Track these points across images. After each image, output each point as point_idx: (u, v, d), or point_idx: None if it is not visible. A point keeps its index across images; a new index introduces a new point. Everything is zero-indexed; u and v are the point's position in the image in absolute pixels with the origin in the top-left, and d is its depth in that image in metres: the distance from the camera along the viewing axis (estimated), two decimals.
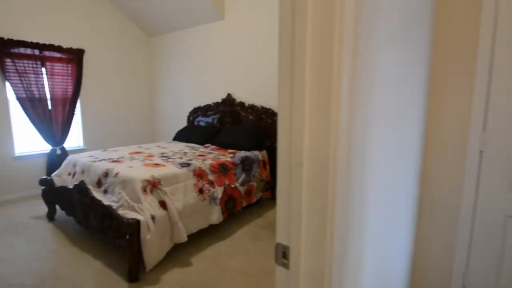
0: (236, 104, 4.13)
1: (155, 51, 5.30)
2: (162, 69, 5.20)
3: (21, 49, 3.63)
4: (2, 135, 3.70)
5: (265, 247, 2.69)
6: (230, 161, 3.18)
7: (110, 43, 4.68)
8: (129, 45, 4.98)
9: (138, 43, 5.14)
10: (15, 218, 3.18)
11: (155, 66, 5.34)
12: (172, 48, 4.96)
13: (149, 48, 5.37)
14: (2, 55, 3.51)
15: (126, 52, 4.94)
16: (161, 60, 5.20)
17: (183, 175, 2.70)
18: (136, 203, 2.38)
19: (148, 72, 5.38)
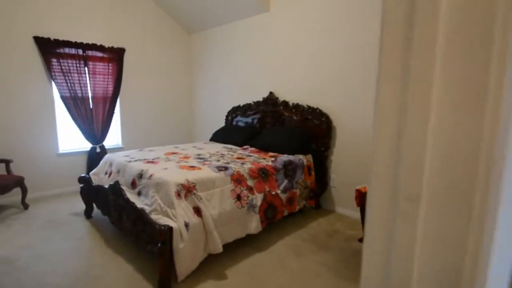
0: (279, 103, 3.80)
1: (195, 48, 5.13)
2: (202, 67, 5.04)
3: (66, 49, 3.67)
4: (48, 132, 3.79)
5: (308, 264, 2.35)
6: (271, 165, 2.88)
7: (150, 41, 4.63)
8: (168, 43, 4.88)
9: (178, 40, 5.02)
10: (56, 213, 3.21)
11: (194, 64, 5.19)
12: (212, 44, 4.76)
13: (189, 45, 5.22)
14: (49, 55, 3.57)
15: (165, 50, 4.85)
16: (200, 57, 5.05)
17: (220, 180, 2.46)
18: (169, 208, 2.19)
19: (187, 70, 5.25)
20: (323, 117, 3.36)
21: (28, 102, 3.63)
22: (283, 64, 3.80)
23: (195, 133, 5.37)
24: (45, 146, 3.78)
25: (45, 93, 3.72)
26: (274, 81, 3.94)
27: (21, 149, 3.62)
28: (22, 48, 3.49)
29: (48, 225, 2.90)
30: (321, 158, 3.40)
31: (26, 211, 3.32)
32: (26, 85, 3.58)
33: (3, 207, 3.42)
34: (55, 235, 2.70)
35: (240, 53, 4.32)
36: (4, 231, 2.78)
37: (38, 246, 2.52)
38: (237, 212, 2.46)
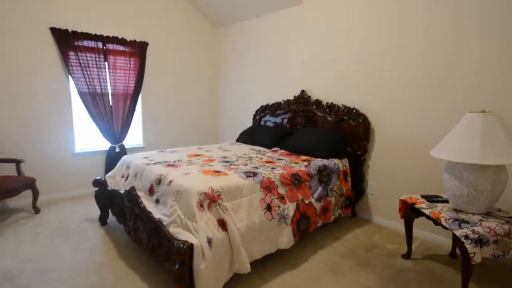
0: (312, 102, 3.40)
1: (222, 44, 4.74)
2: (229, 63, 4.64)
3: (85, 42, 3.39)
4: (63, 130, 3.50)
5: (348, 285, 1.97)
6: (305, 170, 2.48)
7: (175, 35, 4.28)
8: (194, 38, 4.50)
9: (205, 35, 4.65)
10: (68, 218, 2.91)
11: (221, 60, 4.79)
12: (241, 39, 4.38)
13: (216, 40, 4.83)
14: (66, 48, 3.28)
15: (191, 45, 4.48)
16: (228, 53, 4.65)
17: (248, 188, 2.09)
18: (190, 221, 1.84)
19: (214, 67, 4.86)
20: (360, 117, 2.95)
21: (42, 97, 3.33)
22: (317, 60, 3.38)
23: (221, 133, 4.99)
24: (60, 145, 3.49)
25: (62, 89, 3.42)
26: (306, 78, 3.52)
27: (34, 148, 3.33)
28: (37, 40, 3.19)
29: (58, 233, 2.61)
30: (357, 163, 2.99)
31: (37, 215, 3.02)
32: (41, 80, 3.28)
33: (12, 210, 3.14)
34: (65, 245, 2.40)
35: (270, 49, 3.92)
36: (10, 240, 2.49)
37: (44, 258, 2.22)
38: (267, 224, 2.09)
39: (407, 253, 2.33)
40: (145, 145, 4.16)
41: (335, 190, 2.70)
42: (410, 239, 2.31)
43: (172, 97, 4.36)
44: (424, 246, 2.51)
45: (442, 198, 2.17)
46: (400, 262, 2.26)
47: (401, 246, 2.48)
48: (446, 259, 2.30)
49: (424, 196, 2.23)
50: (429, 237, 2.63)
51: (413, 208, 2.17)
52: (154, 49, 4.06)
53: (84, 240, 2.49)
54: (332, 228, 2.81)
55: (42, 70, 3.27)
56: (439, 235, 2.56)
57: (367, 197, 3.08)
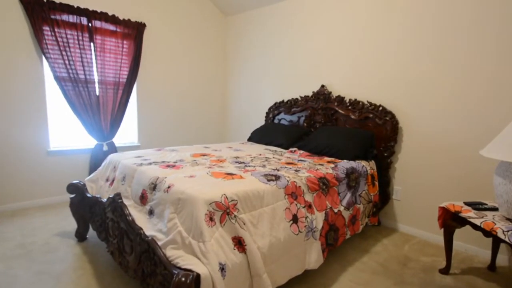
0: (332, 98, 2.88)
1: (232, 33, 4.05)
2: (239, 55, 3.98)
3: (64, 16, 2.67)
4: (34, 122, 2.70)
5: None
6: (332, 174, 1.95)
7: (178, 19, 3.55)
8: (201, 24, 3.79)
9: (212, 22, 3.93)
10: (35, 233, 2.19)
11: (230, 51, 4.11)
12: (252, 28, 3.75)
13: (225, 28, 4.11)
14: (40, 21, 2.51)
15: (196, 32, 3.76)
16: (237, 43, 3.98)
17: (271, 194, 1.54)
18: (196, 240, 1.27)
19: (221, 58, 4.13)
20: (387, 116, 2.50)
21: (6, 82, 2.55)
22: (339, 52, 2.86)
23: (230, 132, 4.27)
24: (29, 141, 2.69)
25: (32, 71, 2.64)
26: (326, 72, 2.99)
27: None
28: (2, 10, 2.45)
29: (18, 253, 1.90)
30: (383, 166, 2.54)
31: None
32: (5, 60, 2.52)
33: None
34: (23, 271, 1.71)
35: (285, 39, 3.35)
36: None
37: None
38: (293, 240, 1.56)
39: (446, 267, 1.95)
40: (141, 143, 3.43)
41: (363, 196, 2.19)
42: (449, 252, 1.92)
43: (174, 89, 3.64)
44: (459, 258, 2.14)
45: (488, 206, 1.78)
46: (439, 278, 1.88)
47: (435, 259, 2.11)
48: (485, 272, 1.97)
49: (468, 203, 1.83)
50: (460, 246, 2.24)
51: (456, 216, 1.79)
52: (153, 33, 3.35)
53: (52, 263, 1.81)
54: (358, 239, 2.32)
55: (8, 47, 2.51)
56: (472, 245, 2.20)
57: (393, 203, 2.62)
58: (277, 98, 3.50)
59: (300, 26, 3.18)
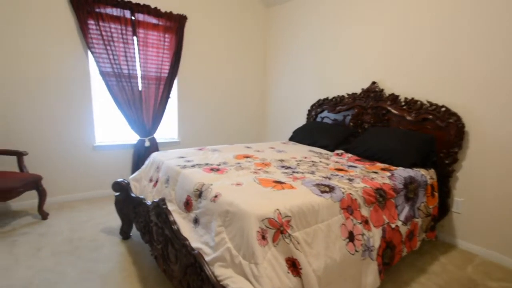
0: (385, 97, 2.53)
1: (273, 25, 3.74)
2: (280, 48, 3.67)
3: (108, 9, 2.54)
4: (81, 118, 2.64)
5: None
6: (390, 184, 1.67)
7: (219, 11, 3.34)
8: (241, 16, 3.54)
9: (253, 14, 3.64)
10: (82, 228, 2.17)
11: (271, 44, 3.81)
12: (295, 20, 3.41)
13: (266, 20, 3.82)
14: (85, 15, 2.43)
15: (236, 24, 3.52)
16: (279, 36, 3.67)
17: (326, 209, 1.33)
18: (247, 260, 1.10)
19: (262, 51, 3.85)
20: (451, 118, 2.12)
21: (53, 76, 2.47)
22: (393, 45, 2.48)
23: (268, 129, 4.01)
24: (76, 136, 2.65)
25: (78, 66, 2.56)
26: (378, 68, 2.63)
27: (42, 139, 2.51)
28: (48, 2, 2.37)
29: (67, 249, 1.87)
30: (443, 174, 2.17)
31: (44, 222, 2.25)
32: (51, 54, 2.44)
33: (15, 214, 2.36)
34: (72, 268, 1.68)
35: (331, 31, 3.01)
36: (3, 256, 1.78)
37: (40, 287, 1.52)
38: (349, 260, 1.34)
39: None
40: (180, 139, 3.32)
41: (421, 209, 1.88)
42: None
43: (213, 84, 3.45)
44: None
45: None
46: None
47: (506, 285, 1.77)
48: None
49: None
50: None
51: None
52: (194, 26, 3.16)
53: (98, 262, 1.76)
54: (412, 256, 2.01)
55: (54, 41, 2.42)
56: None
57: (452, 216, 2.25)
58: (321, 95, 3.17)
59: (349, 16, 2.82)
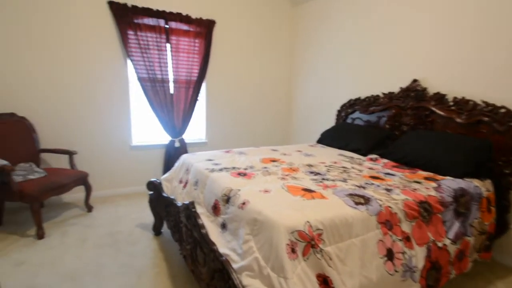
0: (428, 96, 2.25)
1: (300, 24, 3.59)
2: (307, 47, 3.50)
3: (145, 20, 2.67)
4: (121, 120, 2.81)
5: None
6: (436, 197, 1.49)
7: (246, 13, 3.31)
8: (268, 16, 3.47)
9: (279, 13, 3.55)
10: (120, 222, 2.30)
11: (298, 43, 3.65)
12: (323, 17, 3.24)
13: (293, 19, 3.67)
14: (125, 26, 2.59)
15: (263, 25, 3.47)
16: (307, 34, 3.50)
17: (361, 223, 1.22)
18: (275, 273, 1.05)
19: (289, 51, 3.74)
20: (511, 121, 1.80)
21: (98, 82, 2.66)
22: (438, 36, 2.20)
23: (294, 131, 3.87)
24: (116, 137, 2.82)
25: (119, 73, 2.72)
26: (420, 64, 2.35)
27: (88, 139, 2.70)
28: (94, 16, 2.55)
29: (107, 242, 2.00)
30: (502, 186, 1.85)
31: (89, 214, 2.45)
32: (95, 62, 2.62)
33: (66, 206, 2.58)
34: (112, 261, 1.77)
35: (362, 28, 2.79)
36: (56, 244, 1.96)
37: (85, 276, 1.63)
38: (388, 281, 1.22)
39: None
40: (208, 140, 3.37)
41: (474, 226, 1.63)
42: None
43: (241, 86, 3.44)
44: None
45: None
46: None
47: None
48: None
49: None
50: None
51: None
52: (221, 29, 3.18)
53: (134, 256, 1.85)
54: (462, 278, 1.73)
55: (100, 51, 2.62)
56: None
57: (511, 234, 1.92)
58: (352, 95, 2.96)
59: (385, 7, 2.56)
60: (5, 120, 2.26)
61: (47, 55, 2.45)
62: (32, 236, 2.04)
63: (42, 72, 2.45)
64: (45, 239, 2.01)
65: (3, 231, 2.10)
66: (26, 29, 2.35)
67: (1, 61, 2.31)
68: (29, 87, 2.42)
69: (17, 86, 2.39)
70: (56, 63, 2.50)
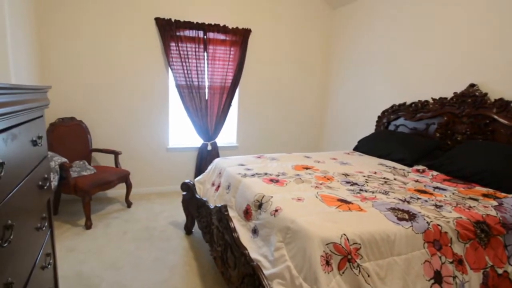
0: (489, 102, 1.95)
1: (338, 27, 3.42)
2: (346, 50, 3.33)
3: (186, 32, 2.77)
4: (160, 124, 2.96)
5: None
6: (497, 217, 1.32)
7: (282, 19, 3.25)
8: (305, 20, 3.36)
9: (318, 17, 3.42)
10: (156, 218, 2.40)
11: (335, 46, 3.48)
12: (364, 20, 3.05)
13: (332, 23, 3.51)
14: (168, 39, 2.73)
15: (300, 30, 3.36)
16: (345, 38, 3.33)
17: (405, 240, 1.11)
18: (309, 285, 0.99)
19: (325, 55, 3.58)
20: None
21: (142, 89, 2.85)
22: (499, 37, 1.91)
23: (327, 138, 3.70)
24: (155, 139, 2.97)
25: (161, 81, 2.90)
26: (478, 66, 2.05)
27: (130, 140, 2.88)
28: (143, 31, 2.74)
29: (144, 236, 2.11)
30: None
31: (128, 209, 2.59)
32: (143, 72, 2.82)
33: (109, 200, 2.77)
34: (148, 254, 1.86)
35: (407, 28, 2.56)
36: (100, 234, 2.11)
37: (125, 266, 1.72)
38: None
39: None
40: (239, 144, 3.39)
41: None
42: None
43: (273, 92, 3.40)
44: None
45: None
46: None
47: None
48: None
49: None
50: None
51: None
52: (257, 37, 3.17)
53: (167, 252, 1.90)
54: None
55: (145, 62, 2.82)
56: None
57: None
58: (394, 100, 2.72)
59: (434, 6, 2.33)
60: (67, 123, 2.54)
61: (102, 66, 2.68)
62: (81, 226, 2.21)
63: (97, 81, 2.71)
64: (92, 229, 2.17)
65: (58, 220, 2.30)
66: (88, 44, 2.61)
67: (66, 72, 2.58)
68: (86, 94, 2.69)
69: (77, 94, 2.66)
70: (109, 73, 2.73)
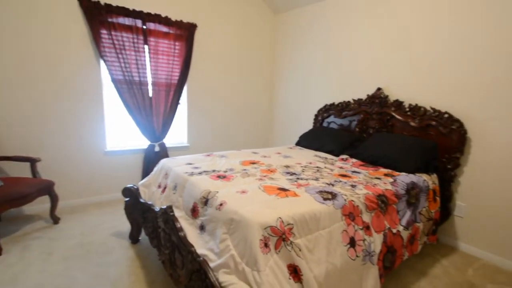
0: (389, 103, 2.53)
1: (281, 32, 3.73)
2: (287, 54, 3.67)
3: (121, 19, 2.56)
4: (93, 124, 2.66)
5: None
6: (392, 190, 1.67)
7: (228, 18, 3.35)
8: (250, 23, 3.55)
9: (262, 20, 3.65)
10: (93, 232, 2.18)
11: (278, 50, 3.80)
12: (303, 26, 3.40)
13: (274, 27, 3.80)
14: (97, 25, 2.45)
15: (245, 32, 3.53)
16: (287, 42, 3.66)
17: (328, 216, 1.34)
18: (250, 267, 1.12)
19: (270, 58, 3.84)
20: (453, 124, 2.13)
21: (67, 84, 2.48)
22: (398, 52, 2.49)
23: (276, 134, 4.01)
24: (88, 142, 2.67)
25: (91, 74, 2.58)
26: (383, 74, 2.64)
27: (55, 145, 2.51)
28: (64, 14, 2.38)
29: (78, 253, 1.88)
30: (445, 179, 2.19)
31: (55, 226, 2.25)
32: (65, 63, 2.45)
33: (27, 218, 2.35)
34: (82, 273, 1.68)
35: (337, 38, 3.01)
36: (15, 261, 1.78)
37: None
38: (350, 265, 1.36)
39: None
40: (190, 144, 3.34)
41: (423, 214, 1.90)
42: None
43: (223, 90, 3.47)
44: None
45: None
46: None
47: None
48: None
49: None
50: None
51: None
52: (203, 33, 3.18)
53: (108, 266, 1.78)
54: (413, 258, 2.02)
55: (68, 50, 2.44)
56: None
57: (454, 220, 2.25)
58: (327, 100, 3.18)
59: (355, 23, 2.83)
60: None
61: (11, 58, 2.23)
62: None
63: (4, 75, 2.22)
64: (2, 256, 1.81)
65: None
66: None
67: None
68: None
69: None
70: (22, 65, 2.28)
